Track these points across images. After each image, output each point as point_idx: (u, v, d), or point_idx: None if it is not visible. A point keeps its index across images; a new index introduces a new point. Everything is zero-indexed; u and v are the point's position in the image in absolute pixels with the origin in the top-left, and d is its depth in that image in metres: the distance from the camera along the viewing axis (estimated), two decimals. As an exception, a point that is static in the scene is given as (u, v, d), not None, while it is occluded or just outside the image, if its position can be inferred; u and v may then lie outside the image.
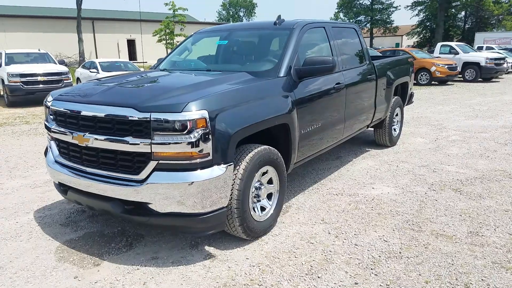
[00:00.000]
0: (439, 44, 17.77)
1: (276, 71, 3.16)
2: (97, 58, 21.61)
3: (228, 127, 2.45)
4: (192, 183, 2.33)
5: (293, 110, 3.06)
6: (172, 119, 2.28)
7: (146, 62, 25.48)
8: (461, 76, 15.98)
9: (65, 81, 10.92)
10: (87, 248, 2.79)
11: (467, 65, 15.92)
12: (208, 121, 2.34)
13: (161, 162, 2.35)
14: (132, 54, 31.30)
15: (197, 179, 2.34)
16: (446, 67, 14.50)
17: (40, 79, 10.53)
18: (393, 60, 5.55)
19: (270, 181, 2.96)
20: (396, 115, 5.61)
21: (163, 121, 2.29)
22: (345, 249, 2.73)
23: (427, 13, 43.40)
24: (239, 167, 2.59)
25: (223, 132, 2.42)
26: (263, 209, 2.92)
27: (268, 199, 2.97)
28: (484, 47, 23.98)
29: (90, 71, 12.35)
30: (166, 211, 2.41)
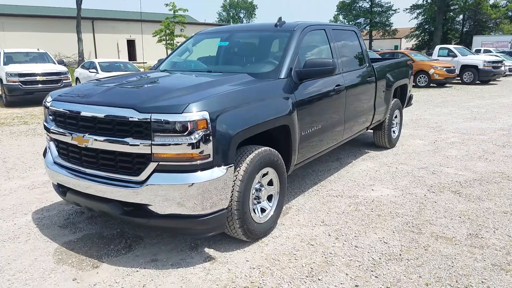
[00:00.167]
0: (437, 47, 17.87)
1: (276, 73, 3.16)
2: (96, 58, 21.59)
3: (229, 129, 2.44)
4: (192, 184, 2.32)
5: (293, 111, 3.06)
6: (172, 120, 2.27)
7: (145, 62, 25.45)
8: (459, 78, 16.06)
9: (64, 81, 10.86)
10: (86, 250, 2.77)
11: (465, 67, 16.01)
12: (209, 122, 2.33)
13: (161, 163, 2.34)
14: (131, 54, 31.26)
15: (197, 180, 2.33)
16: (444, 69, 14.57)
17: (39, 79, 10.47)
18: (393, 62, 5.56)
19: (270, 183, 2.96)
20: (395, 117, 5.62)
21: (164, 122, 2.28)
22: (345, 251, 2.72)
23: (425, 16, 43.56)
24: (239, 168, 2.58)
25: (223, 133, 2.41)
26: (263, 210, 2.91)
27: (268, 200, 2.96)
28: (482, 50, 24.12)
29: (89, 71, 12.31)
30: (166, 212, 2.40)
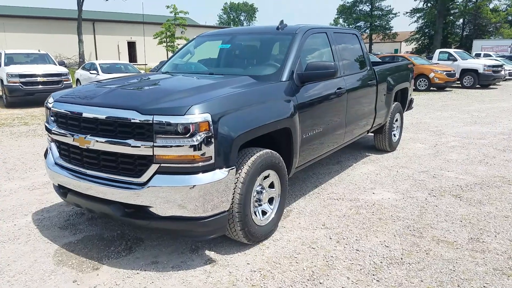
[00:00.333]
0: (437, 50, 17.92)
1: (278, 76, 3.16)
2: (97, 59, 21.63)
3: (230, 131, 2.44)
4: (193, 186, 2.32)
5: (295, 114, 3.05)
6: (174, 122, 2.27)
7: (146, 64, 25.50)
8: (459, 82, 16.09)
9: (64, 82, 10.86)
10: (86, 251, 2.76)
11: (465, 71, 16.05)
12: (211, 125, 2.33)
13: (163, 165, 2.34)
14: (132, 56, 31.33)
15: (199, 182, 2.33)
16: (444, 73, 14.60)
17: (39, 80, 10.47)
18: (394, 66, 5.57)
19: (271, 185, 2.95)
20: (396, 120, 5.62)
21: (166, 124, 2.28)
22: (346, 254, 2.72)
23: (425, 20, 43.70)
24: (241, 171, 2.58)
25: (225, 135, 2.41)
26: (264, 213, 2.90)
27: (269, 203, 2.95)
28: (481, 54, 24.17)
29: (90, 73, 12.32)
30: (167, 214, 2.39)
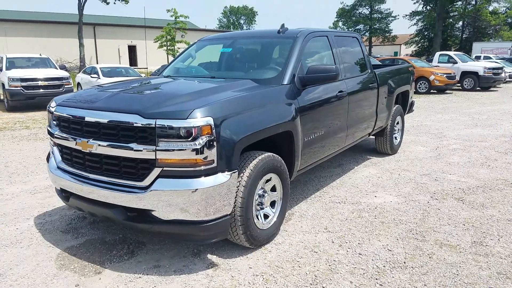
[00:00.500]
0: (437, 53, 17.95)
1: (280, 79, 3.17)
2: (97, 63, 21.67)
3: (233, 134, 2.44)
4: (196, 190, 2.32)
5: (296, 117, 3.06)
6: (177, 125, 2.28)
7: (146, 68, 25.57)
8: (459, 85, 16.11)
9: (65, 86, 10.90)
10: (88, 255, 2.76)
11: (465, 74, 16.07)
12: (213, 128, 2.33)
13: (165, 169, 2.34)
14: (132, 60, 31.42)
15: (201, 186, 2.33)
16: (444, 76, 14.62)
17: (40, 83, 10.51)
18: (394, 69, 5.58)
19: (273, 189, 2.95)
20: (397, 123, 5.62)
21: (168, 128, 2.29)
22: (349, 258, 2.71)
23: (425, 23, 43.79)
24: (243, 174, 2.58)
25: (228, 139, 2.41)
26: (266, 217, 2.90)
27: (271, 206, 2.95)
28: (481, 56, 24.22)
29: (91, 77, 12.34)
30: (169, 218, 2.39)
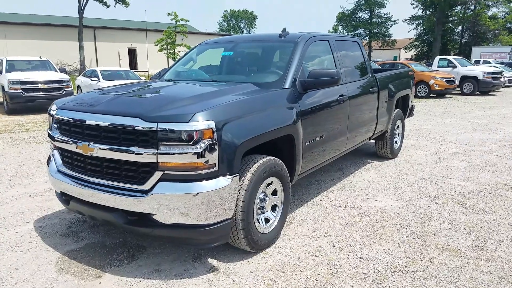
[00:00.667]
0: (437, 57, 18.02)
1: (281, 83, 3.17)
2: (97, 66, 21.74)
3: (234, 138, 2.44)
4: (197, 194, 2.31)
5: (298, 121, 3.06)
6: (178, 129, 2.28)
7: (146, 71, 25.63)
8: (459, 89, 16.15)
9: (65, 89, 10.88)
10: (89, 259, 2.74)
11: (465, 78, 16.13)
12: (214, 132, 2.33)
13: (166, 172, 2.33)
14: (132, 63, 31.49)
15: (202, 190, 2.32)
16: (444, 80, 14.66)
17: (40, 86, 10.50)
18: (395, 73, 5.59)
19: (274, 192, 2.94)
20: (397, 127, 5.63)
21: (170, 131, 2.28)
22: (350, 263, 2.70)
23: (424, 27, 43.99)
24: (244, 178, 2.57)
25: (229, 142, 2.41)
26: (267, 220, 2.89)
27: (272, 210, 2.94)
28: (481, 61, 24.29)
29: (91, 80, 12.36)
30: (170, 222, 2.38)
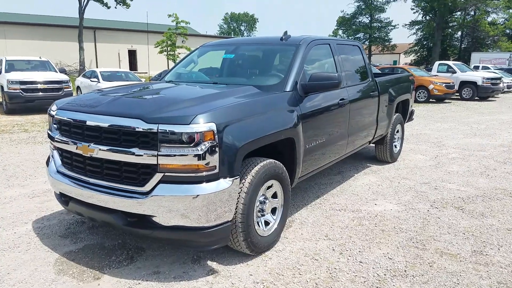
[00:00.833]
0: (437, 62, 18.11)
1: (282, 86, 3.18)
2: (97, 67, 21.74)
3: (235, 140, 2.44)
4: (197, 196, 2.31)
5: (298, 124, 3.06)
6: (179, 131, 2.27)
7: (146, 72, 25.66)
8: (458, 94, 16.22)
9: (65, 90, 10.87)
10: (87, 260, 2.73)
11: (464, 84, 16.20)
12: (215, 134, 2.33)
13: (167, 174, 2.33)
14: (132, 64, 31.52)
15: (202, 192, 2.32)
16: (443, 85, 14.71)
17: (40, 87, 10.49)
18: (395, 77, 5.61)
19: (274, 195, 2.94)
20: (397, 131, 5.64)
21: (170, 133, 2.28)
22: (350, 266, 2.69)
23: (424, 32, 44.18)
24: (244, 180, 2.57)
25: (230, 145, 2.41)
26: (267, 223, 2.88)
27: (272, 213, 2.94)
28: (480, 66, 24.42)
29: (91, 80, 12.35)
30: (170, 224, 2.37)
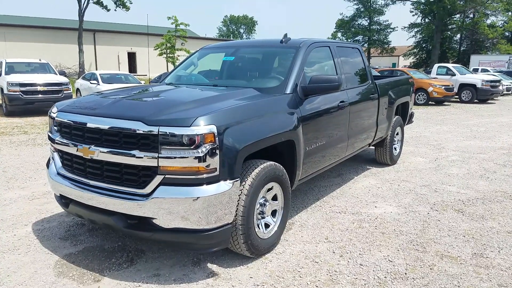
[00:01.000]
0: (436, 65, 18.14)
1: (282, 88, 3.18)
2: (97, 69, 21.74)
3: (235, 143, 2.44)
4: (197, 198, 2.31)
5: (298, 127, 3.07)
6: (180, 133, 2.28)
7: (145, 75, 25.67)
8: (457, 97, 16.25)
9: (65, 92, 10.89)
10: (87, 263, 2.72)
11: (463, 86, 16.24)
12: (216, 136, 2.33)
13: (167, 176, 2.33)
14: (132, 66, 31.54)
15: (203, 194, 2.32)
16: (443, 87, 14.74)
17: (39, 89, 10.50)
18: (395, 80, 5.62)
19: (274, 198, 2.94)
20: (396, 134, 5.65)
21: (171, 135, 2.28)
22: (350, 269, 2.69)
23: (423, 35, 44.29)
24: (245, 183, 2.57)
25: (230, 147, 2.41)
26: (267, 226, 2.88)
27: (272, 216, 2.94)
28: (479, 69, 24.48)
29: (90, 83, 12.35)
30: (170, 226, 2.37)
